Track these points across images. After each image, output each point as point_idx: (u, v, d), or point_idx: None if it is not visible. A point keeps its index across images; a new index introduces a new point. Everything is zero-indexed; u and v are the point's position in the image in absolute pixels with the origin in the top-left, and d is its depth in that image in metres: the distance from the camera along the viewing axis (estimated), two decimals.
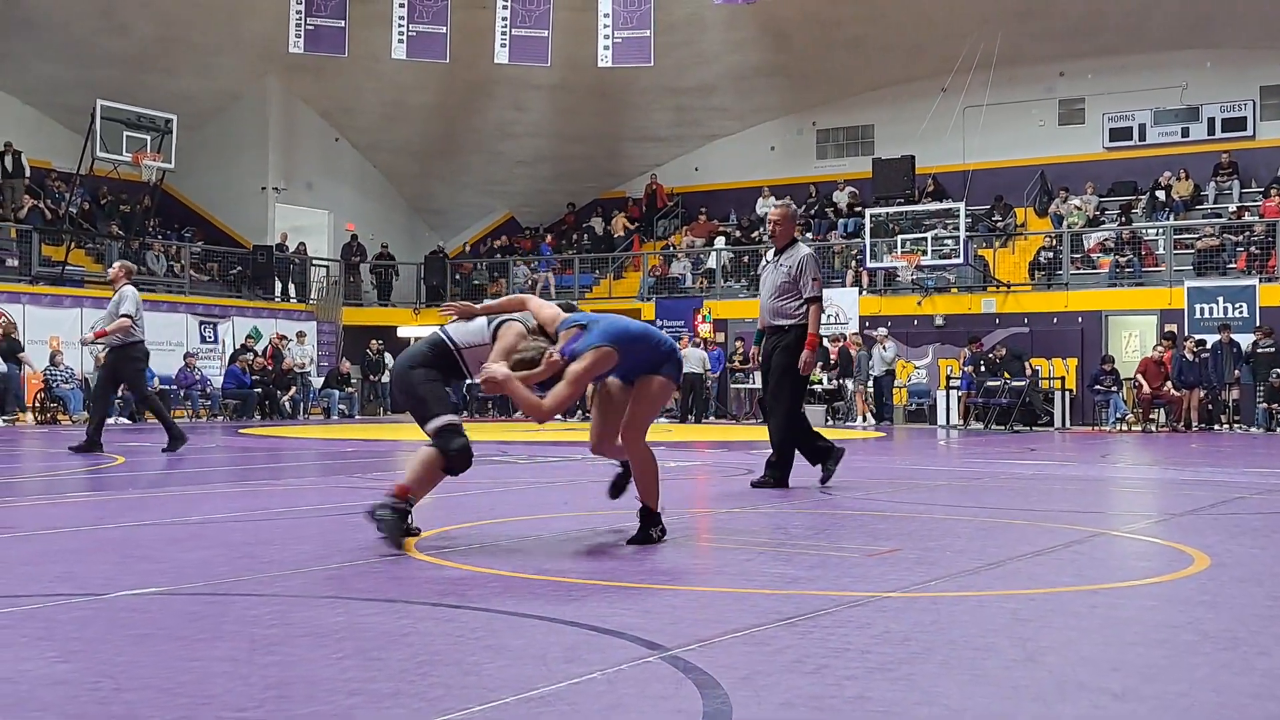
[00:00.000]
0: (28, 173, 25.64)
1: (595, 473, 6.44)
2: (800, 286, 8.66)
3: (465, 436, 5.58)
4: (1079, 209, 26.51)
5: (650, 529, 5.70)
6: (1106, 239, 25.48)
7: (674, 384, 5.77)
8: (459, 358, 5.70)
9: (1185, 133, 27.20)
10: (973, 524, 6.56)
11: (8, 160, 25.00)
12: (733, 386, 25.71)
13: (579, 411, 22.52)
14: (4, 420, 19.96)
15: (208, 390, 23.78)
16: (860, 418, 23.20)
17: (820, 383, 22.82)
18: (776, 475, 8.69)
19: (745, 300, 27.24)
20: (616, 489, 6.20)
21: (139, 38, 26.28)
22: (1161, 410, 21.50)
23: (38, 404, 21.31)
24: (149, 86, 26.18)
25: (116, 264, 13.12)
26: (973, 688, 3.08)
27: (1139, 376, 21.33)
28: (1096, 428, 21.82)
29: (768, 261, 8.94)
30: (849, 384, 23.49)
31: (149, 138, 23.23)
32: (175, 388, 23.28)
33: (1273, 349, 20.88)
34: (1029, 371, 22.44)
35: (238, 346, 25.05)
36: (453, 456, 5.50)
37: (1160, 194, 26.24)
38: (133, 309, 12.19)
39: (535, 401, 5.32)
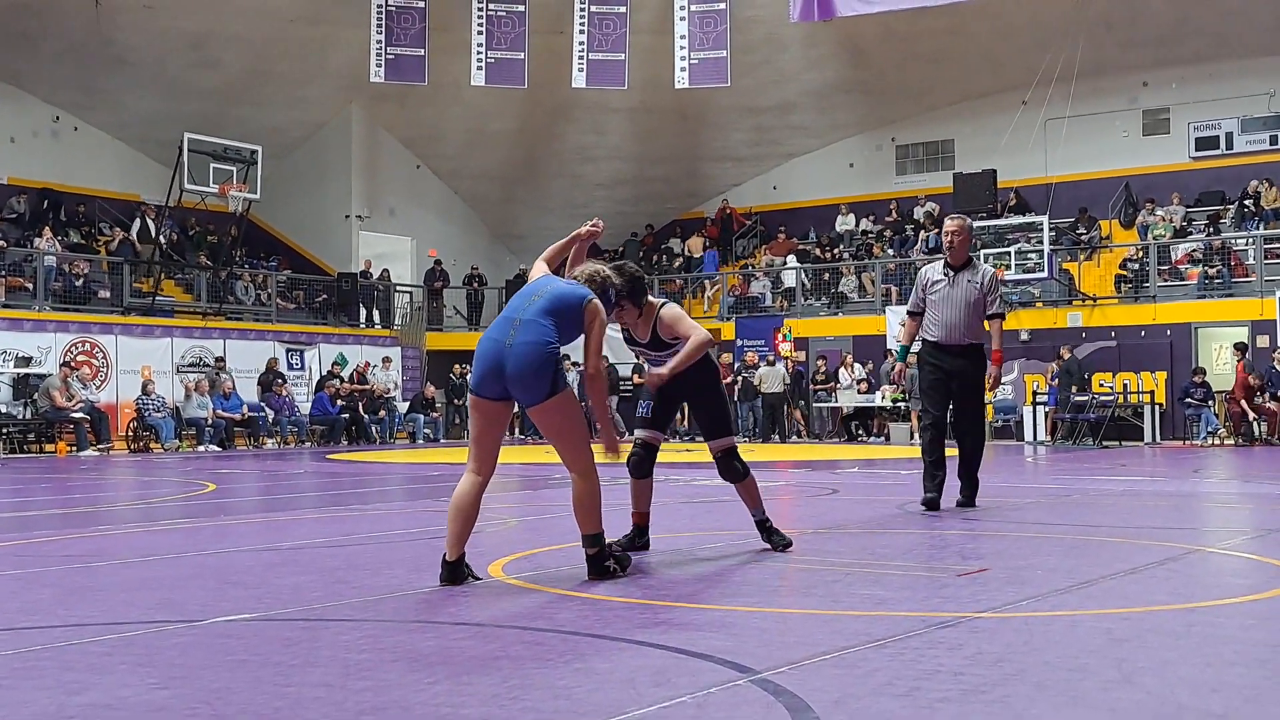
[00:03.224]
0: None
1: (679, 494, 6.43)
2: (989, 303, 8.52)
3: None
4: (1165, 220, 26.04)
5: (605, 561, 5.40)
6: (1194, 250, 25.00)
7: None
8: None
9: (1274, 140, 26.60)
10: (1063, 542, 6.46)
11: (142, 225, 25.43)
12: (815, 405, 25.56)
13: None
14: (97, 450, 20.42)
15: (294, 416, 24.13)
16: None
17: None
18: (967, 494, 8.62)
19: (825, 318, 27.12)
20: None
21: (228, 72, 26.88)
22: (1257, 424, 21.00)
23: (130, 433, 21.78)
24: (237, 119, 26.76)
25: None
26: (1069, 710, 3.04)
27: (1233, 390, 20.88)
28: (1188, 442, 21.38)
29: (942, 277, 8.57)
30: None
31: (235, 169, 23.71)
32: (264, 413, 23.67)
33: None
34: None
35: (324, 373, 25.41)
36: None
37: (1249, 203, 25.69)
38: None
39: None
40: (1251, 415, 20.63)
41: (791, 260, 29.03)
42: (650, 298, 6.08)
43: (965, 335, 8.44)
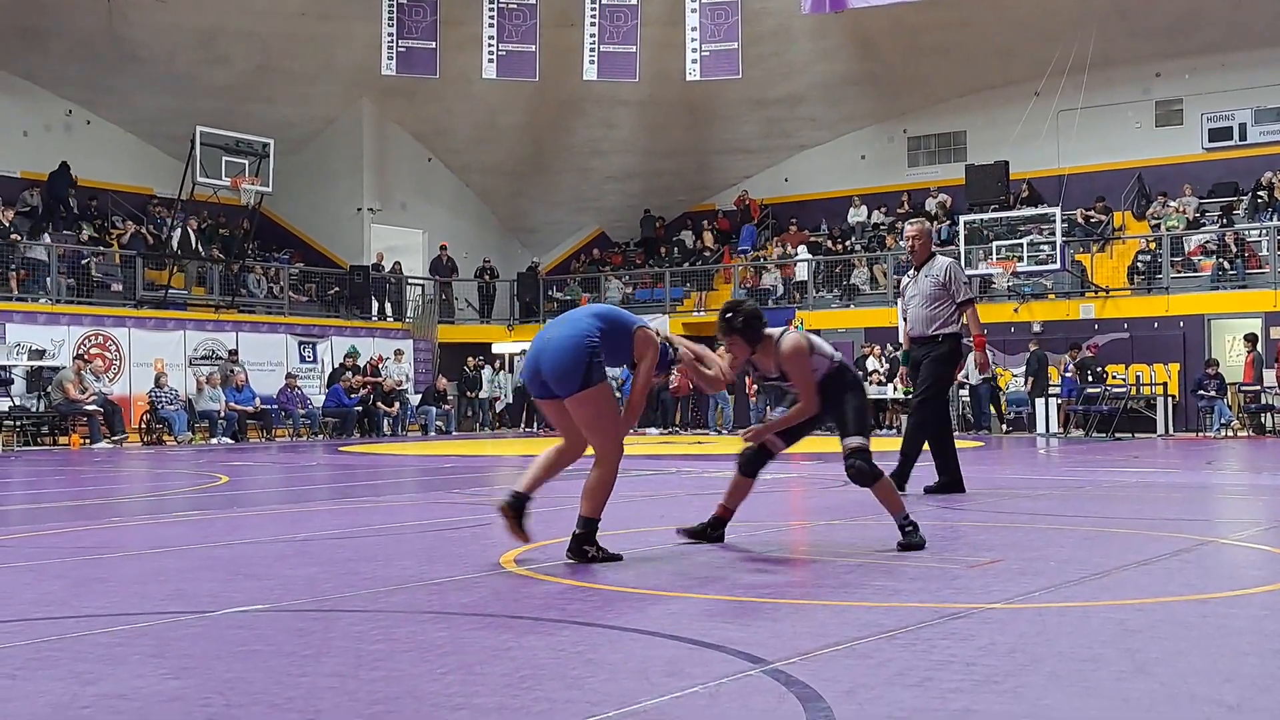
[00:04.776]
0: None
1: (691, 485, 6.45)
2: (951, 293, 8.89)
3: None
4: (1178, 211, 25.94)
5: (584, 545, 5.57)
6: (1208, 241, 24.91)
7: None
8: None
9: None
10: (1076, 533, 6.45)
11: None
12: None
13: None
14: (111, 443, 20.49)
15: (308, 409, 24.18)
16: None
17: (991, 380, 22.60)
18: (947, 480, 8.97)
19: (837, 310, 27.08)
20: None
21: (239, 68, 26.92)
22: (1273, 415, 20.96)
23: (143, 425, 21.85)
24: (248, 115, 26.79)
25: None
26: (1082, 700, 3.03)
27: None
28: (1200, 434, 21.32)
29: (909, 279, 9.17)
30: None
31: (247, 163, 23.74)
32: (276, 407, 23.72)
33: None
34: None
35: (336, 366, 25.44)
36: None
37: (1263, 194, 25.59)
38: None
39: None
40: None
41: (803, 251, 28.99)
42: (768, 330, 6.03)
43: (925, 327, 8.95)
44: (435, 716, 2.94)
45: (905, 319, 9.17)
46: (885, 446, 9.27)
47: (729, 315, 5.88)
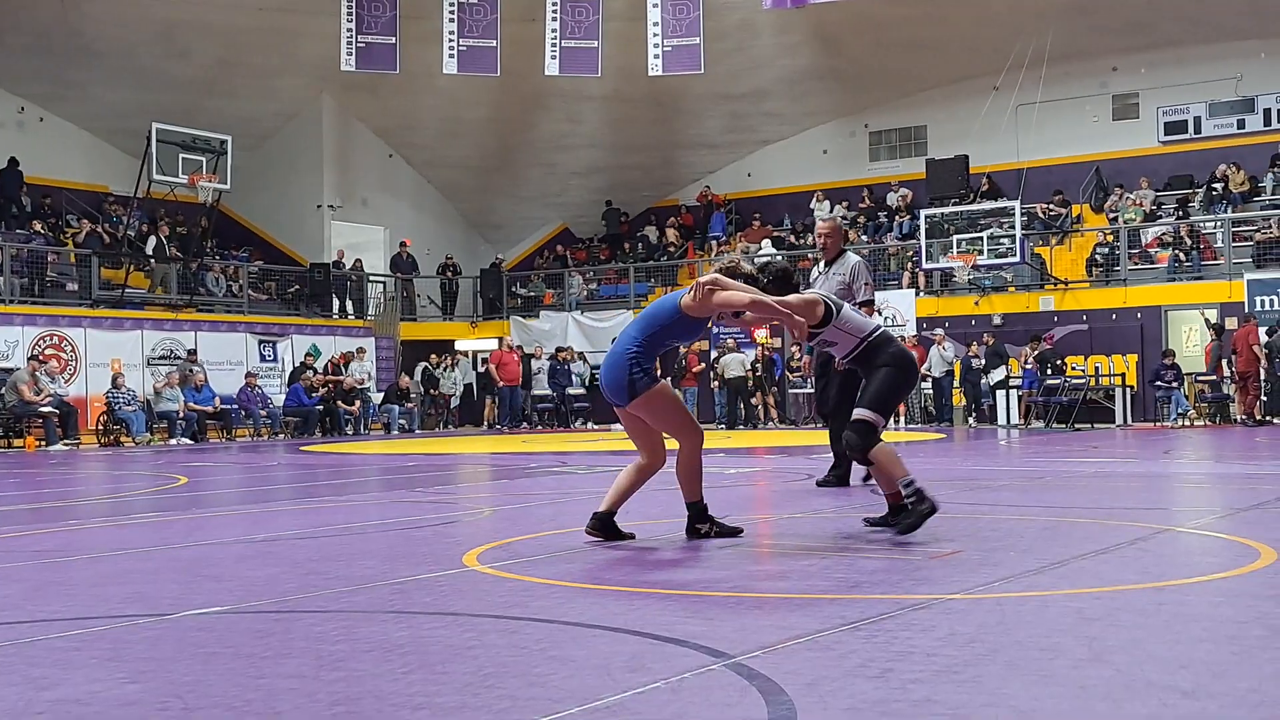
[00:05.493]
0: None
1: (654, 480, 6.45)
2: (854, 292, 8.95)
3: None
4: (1135, 204, 26.18)
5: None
6: (1164, 233, 25.16)
7: None
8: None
9: (1241, 124, 26.80)
10: (1036, 523, 6.50)
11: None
12: (790, 391, 25.63)
13: None
14: (66, 445, 20.28)
15: (268, 408, 24.02)
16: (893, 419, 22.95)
17: None
18: (839, 474, 9.04)
19: None
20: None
21: (199, 63, 26.68)
22: (1230, 404, 21.19)
23: (100, 427, 21.64)
24: (208, 110, 26.56)
25: None
26: (1040, 688, 3.06)
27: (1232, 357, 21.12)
28: (1158, 424, 21.54)
29: (819, 274, 9.23)
30: None
31: (204, 159, 23.52)
32: (236, 407, 23.55)
33: None
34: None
35: (297, 365, 25.29)
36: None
37: (1217, 187, 25.87)
38: None
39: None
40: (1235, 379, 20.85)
41: (767, 246, 29.06)
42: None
43: None
44: (397, 716, 2.93)
45: None
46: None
47: (759, 273, 6.07)
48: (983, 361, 22.66)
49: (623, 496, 6.07)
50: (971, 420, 22.69)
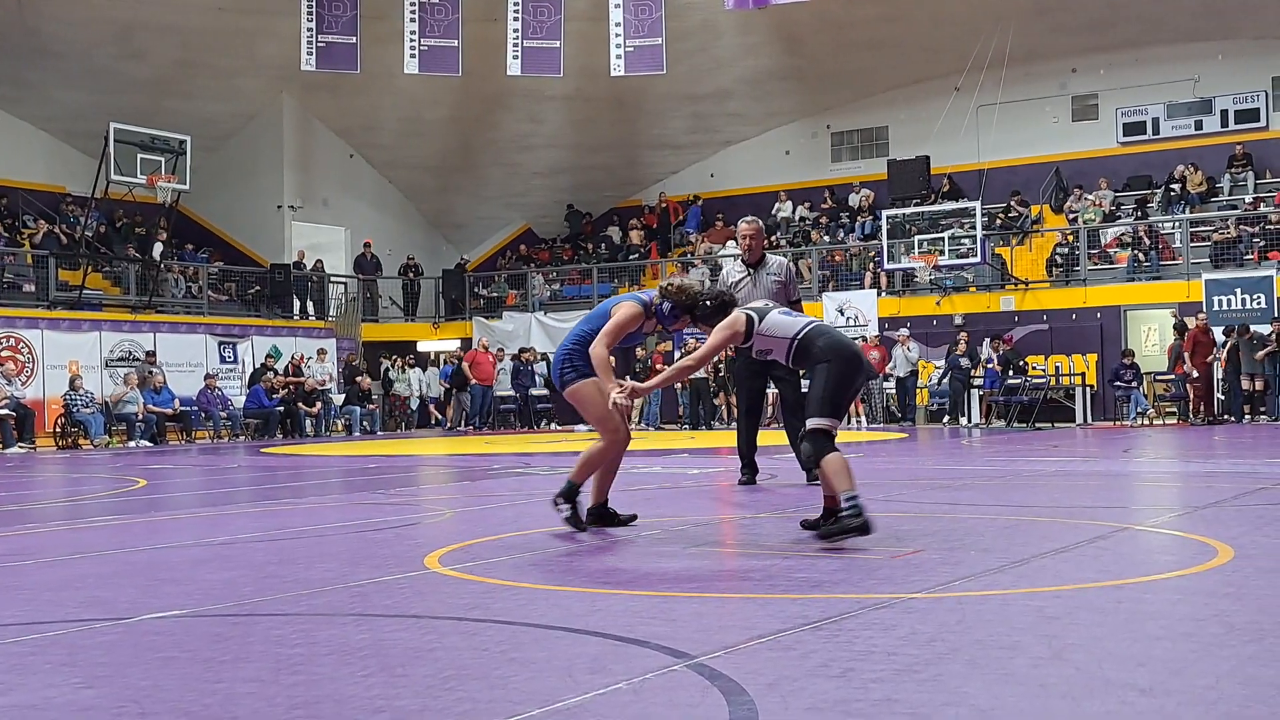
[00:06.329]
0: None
1: (617, 481, 6.48)
2: (790, 292, 9.24)
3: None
4: (1094, 204, 26.40)
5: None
6: (1123, 234, 25.38)
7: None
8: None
9: (1199, 125, 27.07)
10: (997, 523, 6.53)
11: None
12: None
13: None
14: (21, 447, 20.04)
15: (229, 410, 23.82)
16: (853, 419, 23.02)
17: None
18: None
19: None
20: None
21: (157, 63, 26.43)
22: (1190, 403, 21.39)
23: (58, 429, 21.40)
24: (167, 110, 26.30)
25: None
26: (1000, 687, 3.07)
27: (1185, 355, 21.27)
28: (1118, 423, 21.72)
29: (744, 275, 9.34)
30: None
31: (163, 159, 23.29)
32: (196, 409, 23.34)
33: None
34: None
35: (257, 366, 25.10)
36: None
37: (1175, 187, 26.12)
38: None
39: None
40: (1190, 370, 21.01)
41: (730, 247, 29.09)
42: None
43: None
44: (357, 719, 2.91)
45: None
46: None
47: (701, 302, 6.29)
48: (969, 361, 22.65)
49: (603, 482, 6.57)
50: (964, 420, 22.62)
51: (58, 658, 3.67)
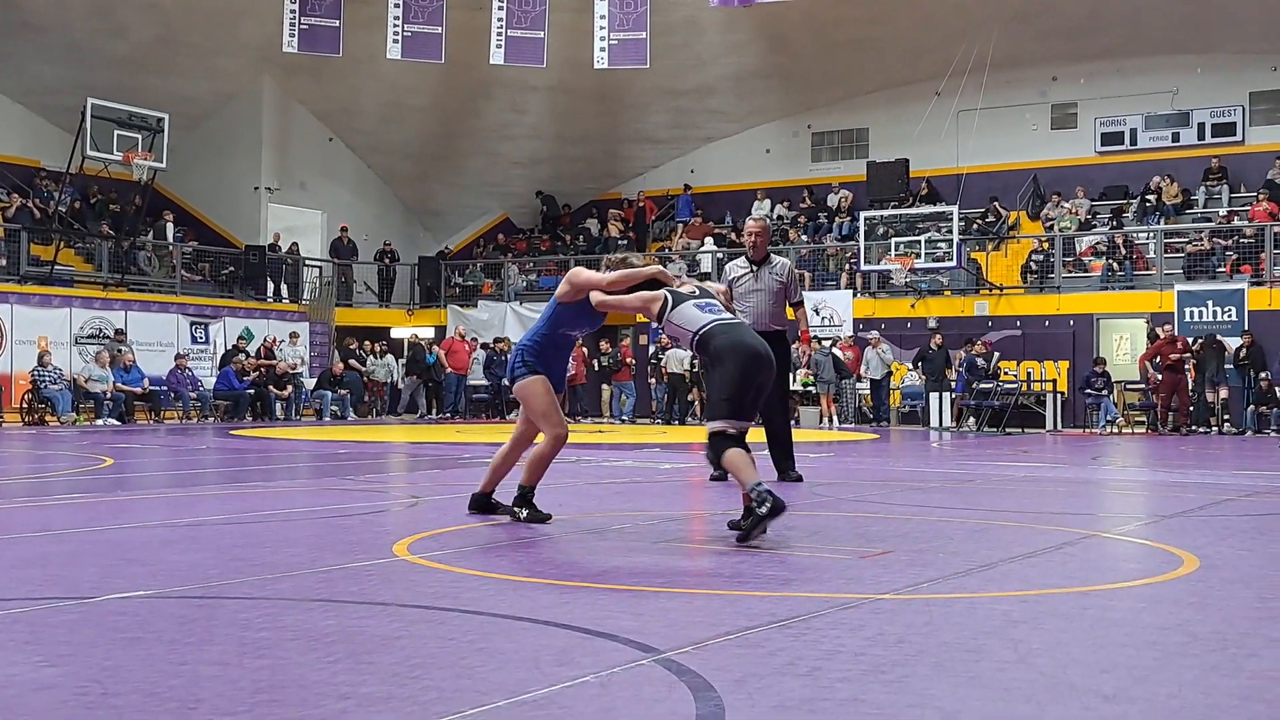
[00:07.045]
0: None
1: (588, 474, 6.46)
2: (790, 295, 9.39)
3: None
4: (1071, 212, 26.54)
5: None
6: (1098, 242, 25.53)
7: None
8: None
9: (1176, 137, 27.25)
10: (965, 526, 6.56)
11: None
12: None
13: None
14: None
15: (198, 391, 23.68)
16: (825, 419, 23.10)
17: (810, 382, 22.93)
18: (789, 470, 9.45)
19: None
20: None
21: (137, 39, 26.21)
22: (1156, 412, 21.52)
23: (25, 405, 21.23)
24: (146, 88, 26.08)
25: None
26: (965, 690, 3.08)
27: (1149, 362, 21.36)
28: (1088, 430, 21.85)
29: (746, 272, 9.47)
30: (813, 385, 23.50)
31: (140, 137, 23.14)
32: (166, 389, 23.19)
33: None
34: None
35: (229, 347, 24.96)
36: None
37: (1151, 198, 26.29)
38: None
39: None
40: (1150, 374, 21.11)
41: (709, 244, 29.13)
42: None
43: (771, 322, 9.32)
44: (321, 706, 2.89)
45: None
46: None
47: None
48: (984, 362, 22.52)
49: (497, 476, 6.87)
50: (970, 424, 22.53)
51: (20, 636, 3.64)
